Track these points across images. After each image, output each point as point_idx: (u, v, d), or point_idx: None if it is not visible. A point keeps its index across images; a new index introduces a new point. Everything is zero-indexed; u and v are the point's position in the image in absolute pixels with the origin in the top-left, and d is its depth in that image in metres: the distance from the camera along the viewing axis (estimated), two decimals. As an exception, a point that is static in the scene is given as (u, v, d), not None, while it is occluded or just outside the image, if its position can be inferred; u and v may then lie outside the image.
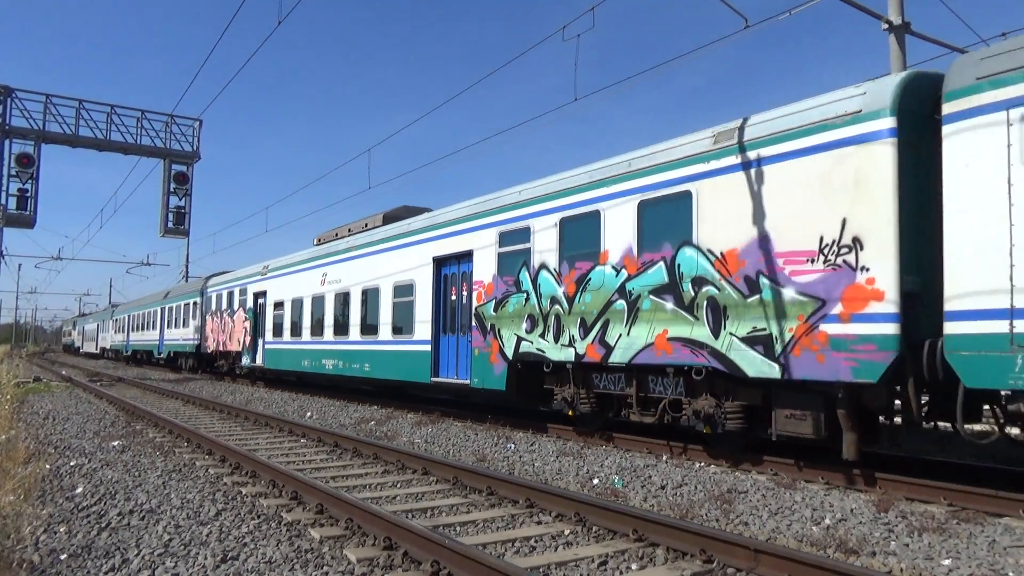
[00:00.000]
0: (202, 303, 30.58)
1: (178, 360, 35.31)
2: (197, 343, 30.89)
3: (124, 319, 49.41)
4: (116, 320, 53.14)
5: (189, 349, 32.36)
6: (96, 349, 63.55)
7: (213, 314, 29.03)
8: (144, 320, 42.65)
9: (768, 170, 8.45)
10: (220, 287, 28.52)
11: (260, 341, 24.09)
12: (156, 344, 39.17)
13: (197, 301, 31.28)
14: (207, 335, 29.69)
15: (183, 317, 33.58)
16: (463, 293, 13.98)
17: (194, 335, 31.48)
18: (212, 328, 29.12)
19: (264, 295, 23.94)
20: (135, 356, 46.09)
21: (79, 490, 7.86)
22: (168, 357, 36.88)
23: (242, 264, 37.19)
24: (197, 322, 31.16)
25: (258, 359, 24.17)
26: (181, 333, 33.89)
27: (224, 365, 28.35)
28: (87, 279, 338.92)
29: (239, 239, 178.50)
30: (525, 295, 12.13)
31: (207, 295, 30.02)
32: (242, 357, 25.50)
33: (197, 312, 31.22)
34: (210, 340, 29.21)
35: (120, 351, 50.82)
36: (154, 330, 39.67)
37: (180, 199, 29.51)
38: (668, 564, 5.48)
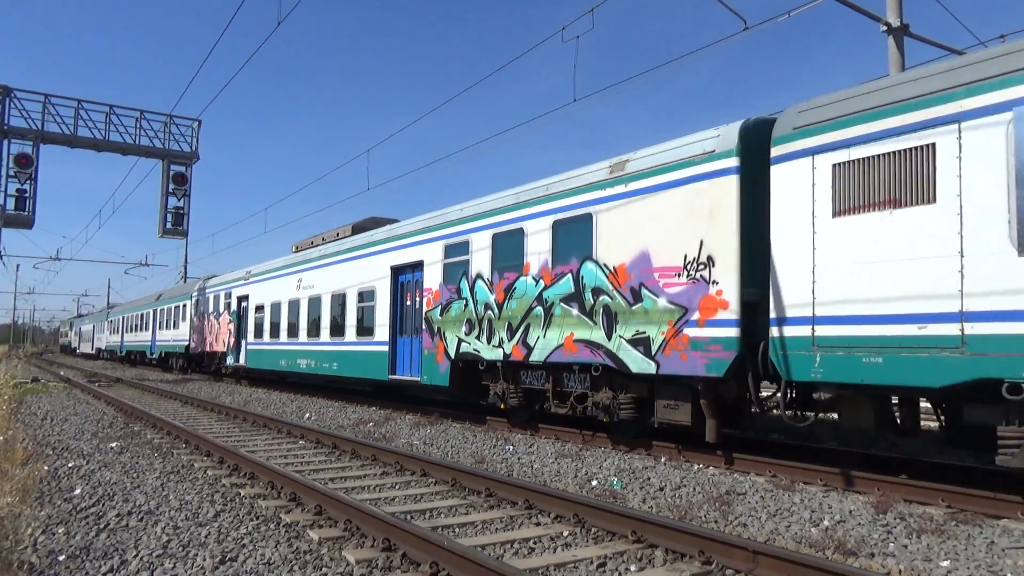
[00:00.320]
0: (191, 306, 32.10)
1: (169, 360, 36.84)
2: (187, 344, 32.44)
3: (119, 320, 50.90)
4: (111, 321, 54.60)
5: (179, 350, 33.90)
6: (92, 350, 64.98)
7: (201, 316, 30.55)
8: (137, 322, 44.18)
9: (647, 198, 9.99)
10: (207, 291, 30.05)
11: (243, 342, 25.63)
12: (149, 345, 40.70)
13: (187, 304, 32.80)
14: (195, 336, 31.23)
15: (174, 319, 35.09)
16: (416, 299, 15.49)
17: (184, 336, 33.02)
18: (200, 330, 30.65)
19: (247, 299, 25.48)
20: (129, 356, 47.58)
21: (77, 491, 7.85)
22: (160, 357, 38.41)
23: (241, 265, 37.82)
24: (187, 324, 32.69)
25: (241, 359, 25.71)
26: (172, 334, 35.41)
27: (211, 365, 29.92)
28: (85, 280, 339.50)
29: (238, 240, 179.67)
30: (465, 301, 13.64)
31: (195, 298, 31.55)
32: (227, 357, 27.05)
33: (186, 314, 32.75)
34: (198, 341, 30.77)
35: (115, 351, 52.29)
36: (147, 331, 41.19)
37: (179, 200, 29.44)
38: (667, 565, 5.49)
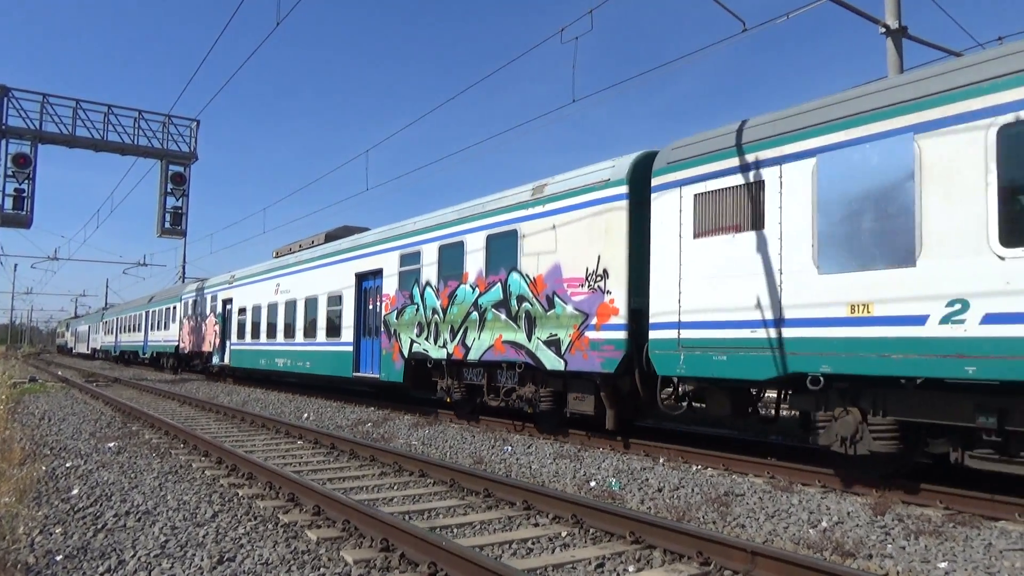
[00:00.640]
0: (181, 308, 33.61)
1: (160, 360, 38.35)
2: (177, 344, 33.97)
3: (113, 321, 52.37)
4: (106, 322, 56.05)
5: (170, 350, 35.43)
6: (88, 350, 66.34)
7: (190, 318, 32.09)
8: (131, 323, 45.70)
9: (560, 217, 11.52)
10: (195, 293, 31.58)
11: (228, 342, 27.16)
12: (141, 345, 42.24)
13: (177, 306, 34.33)
14: (185, 337, 32.76)
15: (165, 320, 36.63)
16: (377, 303, 17.01)
17: (174, 337, 34.54)
18: (188, 330, 32.19)
19: (231, 301, 27.01)
20: (123, 356, 49.04)
21: (75, 491, 7.84)
22: (152, 357, 39.93)
23: (239, 265, 39.06)
24: (176, 325, 34.21)
25: (226, 359, 27.25)
26: (163, 335, 36.94)
27: (199, 364, 31.45)
28: (84, 280, 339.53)
29: (237, 240, 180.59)
30: (417, 306, 15.17)
31: (184, 300, 33.08)
32: (213, 357, 28.59)
33: (177, 316, 34.26)
34: (187, 342, 32.30)
35: (110, 351, 53.73)
36: (139, 332, 42.71)
37: (177, 200, 29.23)
38: (665, 566, 5.48)
